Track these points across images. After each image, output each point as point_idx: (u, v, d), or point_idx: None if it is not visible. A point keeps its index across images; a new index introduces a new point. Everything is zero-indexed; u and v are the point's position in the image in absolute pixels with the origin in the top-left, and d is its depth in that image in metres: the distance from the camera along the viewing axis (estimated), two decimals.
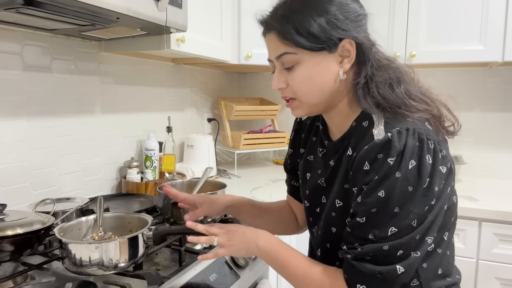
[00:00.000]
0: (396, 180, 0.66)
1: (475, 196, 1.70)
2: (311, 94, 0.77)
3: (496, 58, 1.72)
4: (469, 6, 1.75)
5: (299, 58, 0.75)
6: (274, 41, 0.76)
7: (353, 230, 0.70)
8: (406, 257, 0.67)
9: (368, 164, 0.69)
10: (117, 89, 1.62)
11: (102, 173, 1.58)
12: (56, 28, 1.19)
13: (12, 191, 1.23)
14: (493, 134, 2.07)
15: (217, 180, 1.85)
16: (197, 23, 1.53)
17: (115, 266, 0.83)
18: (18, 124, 1.24)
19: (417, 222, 0.67)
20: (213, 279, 0.97)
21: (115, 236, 0.95)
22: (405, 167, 0.66)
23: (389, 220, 0.66)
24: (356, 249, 0.69)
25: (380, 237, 0.67)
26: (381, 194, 0.66)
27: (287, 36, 0.73)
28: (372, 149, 0.69)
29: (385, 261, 0.67)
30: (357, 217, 0.69)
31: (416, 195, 0.66)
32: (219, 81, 2.43)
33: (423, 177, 0.66)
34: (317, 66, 0.75)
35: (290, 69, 0.76)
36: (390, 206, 0.66)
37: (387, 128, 0.70)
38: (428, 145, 0.67)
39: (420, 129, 0.69)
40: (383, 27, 1.89)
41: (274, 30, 0.76)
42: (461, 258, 1.58)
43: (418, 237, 0.67)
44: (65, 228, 0.91)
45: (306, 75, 0.75)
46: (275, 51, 0.77)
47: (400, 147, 0.66)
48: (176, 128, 1.94)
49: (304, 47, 0.73)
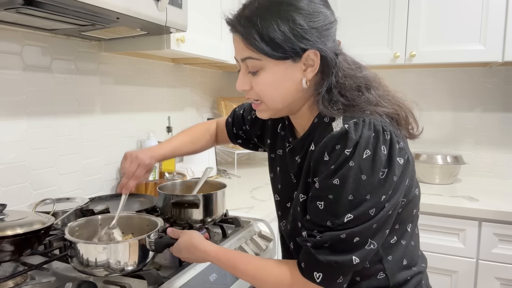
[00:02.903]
0: (350, 169, 0.67)
1: (475, 196, 1.70)
2: (274, 100, 0.77)
3: (496, 58, 1.72)
4: (469, 6, 1.75)
5: (262, 64, 0.74)
6: (239, 43, 0.76)
7: (312, 215, 0.71)
8: (362, 246, 0.68)
9: (327, 154, 0.70)
10: (117, 89, 1.62)
11: (102, 173, 1.58)
12: (56, 28, 1.19)
13: (12, 191, 1.23)
14: (493, 134, 2.07)
15: (217, 180, 1.85)
16: (197, 23, 1.53)
17: (121, 270, 0.83)
18: (18, 124, 1.24)
19: (375, 211, 0.68)
20: (213, 279, 0.97)
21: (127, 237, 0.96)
22: (359, 157, 0.67)
23: (344, 207, 0.67)
24: (315, 237, 0.69)
25: (337, 224, 0.68)
26: (336, 182, 0.68)
27: (250, 41, 0.72)
28: (330, 140, 0.70)
29: (342, 249, 0.68)
30: (317, 202, 0.70)
31: (370, 184, 0.67)
32: (219, 81, 2.43)
33: (377, 166, 0.67)
34: (280, 74, 0.74)
35: (254, 73, 0.76)
36: (344, 194, 0.67)
37: (345, 120, 0.72)
38: (384, 135, 0.69)
39: (376, 120, 0.70)
40: (383, 27, 1.89)
41: (238, 33, 0.75)
42: (461, 258, 1.58)
43: (375, 226, 0.68)
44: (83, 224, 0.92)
45: (269, 82, 0.75)
46: (239, 53, 0.77)
47: (356, 138, 0.68)
48: (176, 128, 1.94)
49: (267, 55, 0.72)
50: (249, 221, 1.29)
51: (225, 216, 1.27)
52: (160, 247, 0.86)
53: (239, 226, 1.24)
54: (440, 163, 1.93)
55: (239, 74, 0.79)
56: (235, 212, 1.35)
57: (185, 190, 1.28)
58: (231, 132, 1.13)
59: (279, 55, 0.72)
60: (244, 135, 1.11)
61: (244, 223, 1.27)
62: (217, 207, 1.16)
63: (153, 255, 0.89)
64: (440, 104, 2.14)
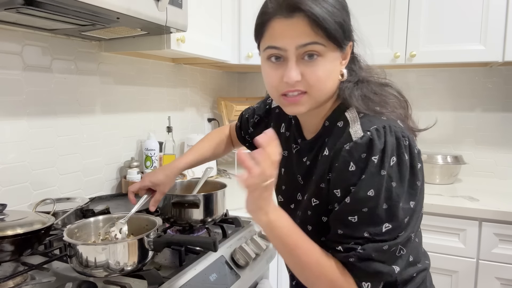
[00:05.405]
0: (382, 178, 0.66)
1: (475, 196, 1.70)
2: (323, 90, 0.73)
3: (496, 58, 1.72)
4: (470, 6, 1.75)
5: (324, 51, 0.69)
6: (302, 27, 0.67)
7: (345, 229, 0.70)
8: (400, 255, 0.69)
9: (354, 164, 0.68)
10: (117, 89, 1.62)
11: (102, 173, 1.58)
12: (56, 28, 1.19)
13: (12, 191, 1.23)
14: (494, 134, 2.06)
15: (217, 180, 1.85)
16: (197, 23, 1.53)
17: (121, 270, 0.83)
18: (18, 124, 1.24)
19: (409, 218, 0.68)
20: (213, 279, 0.97)
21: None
22: (388, 165, 0.67)
23: (381, 217, 0.67)
24: (356, 250, 0.68)
25: (376, 234, 0.67)
26: (371, 194, 0.67)
27: (325, 24, 0.66)
28: (355, 149, 0.69)
29: (386, 259, 0.68)
30: (349, 217, 0.69)
31: (401, 191, 0.67)
32: (219, 81, 2.43)
33: (404, 173, 0.67)
34: (333, 63, 0.72)
35: (310, 61, 0.69)
36: (379, 204, 0.67)
37: (364, 126, 0.70)
38: (403, 142, 0.69)
39: (395, 126, 0.70)
40: (383, 27, 1.89)
41: (307, 13, 0.66)
42: (461, 258, 1.58)
43: (409, 233, 0.69)
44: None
45: (326, 70, 0.71)
46: (300, 38, 0.68)
47: (380, 145, 0.67)
48: (176, 128, 1.94)
49: (335, 41, 0.69)
50: (249, 221, 1.29)
51: (225, 216, 1.27)
52: (159, 246, 0.86)
53: (239, 226, 1.24)
54: (441, 163, 1.93)
55: (291, 65, 0.70)
56: (235, 212, 1.35)
57: (185, 190, 1.27)
58: (240, 136, 1.15)
59: (342, 42, 0.70)
60: (249, 138, 1.11)
61: (244, 223, 1.27)
62: (217, 207, 1.16)
63: (153, 254, 0.89)
64: (440, 104, 2.14)
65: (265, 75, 0.75)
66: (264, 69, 0.75)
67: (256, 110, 1.08)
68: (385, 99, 0.75)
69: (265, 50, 0.73)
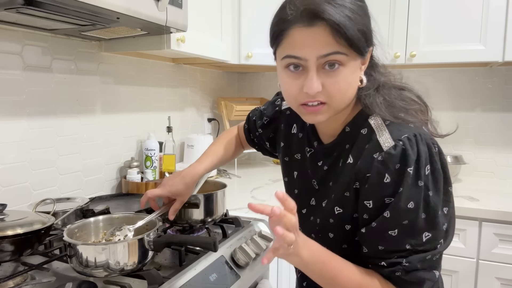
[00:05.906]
0: (421, 190, 0.66)
1: (475, 196, 1.70)
2: (344, 100, 0.70)
3: (496, 58, 1.72)
4: (470, 6, 1.75)
5: (346, 60, 0.66)
6: (323, 36, 0.64)
7: (387, 245, 0.69)
8: (440, 261, 0.71)
9: (388, 176, 0.67)
10: (117, 89, 1.62)
11: (102, 173, 1.58)
12: (56, 28, 1.19)
13: (12, 191, 1.23)
14: (494, 134, 2.06)
15: (217, 180, 1.85)
16: (197, 23, 1.53)
17: (121, 270, 0.82)
18: (18, 124, 1.24)
19: (447, 225, 0.69)
20: (213, 279, 0.97)
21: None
22: (424, 174, 0.66)
23: (421, 227, 0.67)
24: (402, 263, 0.68)
25: (417, 244, 0.67)
26: (411, 206, 0.66)
27: (347, 32, 0.63)
28: (389, 160, 0.67)
29: (429, 267, 0.69)
30: (389, 231, 0.68)
31: (437, 200, 0.68)
32: (219, 81, 2.43)
33: (438, 181, 0.68)
34: (355, 71, 0.69)
35: (331, 71, 0.67)
36: (419, 215, 0.67)
37: (393, 135, 0.69)
38: (434, 149, 0.69)
39: (424, 134, 0.69)
40: (383, 27, 1.88)
41: (329, 22, 0.63)
42: (461, 258, 1.58)
43: (448, 239, 0.70)
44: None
45: (348, 80, 0.68)
46: (321, 48, 0.65)
47: (414, 155, 0.67)
48: (176, 128, 1.94)
49: (357, 49, 0.66)
50: (249, 221, 1.29)
51: (226, 216, 1.27)
52: (159, 246, 0.86)
53: (239, 226, 1.24)
54: None
55: (310, 75, 0.67)
56: (235, 212, 1.35)
57: None
58: (249, 137, 1.13)
59: (364, 50, 0.68)
60: (257, 140, 1.10)
61: (245, 223, 1.27)
62: (218, 207, 1.16)
63: (153, 254, 0.89)
64: (440, 104, 2.14)
65: (283, 84, 0.72)
66: (282, 78, 0.72)
67: (264, 112, 1.05)
68: (407, 105, 0.74)
69: (283, 58, 0.69)
